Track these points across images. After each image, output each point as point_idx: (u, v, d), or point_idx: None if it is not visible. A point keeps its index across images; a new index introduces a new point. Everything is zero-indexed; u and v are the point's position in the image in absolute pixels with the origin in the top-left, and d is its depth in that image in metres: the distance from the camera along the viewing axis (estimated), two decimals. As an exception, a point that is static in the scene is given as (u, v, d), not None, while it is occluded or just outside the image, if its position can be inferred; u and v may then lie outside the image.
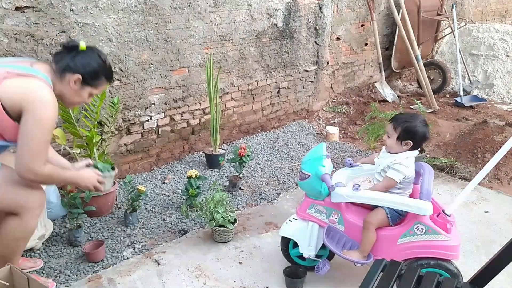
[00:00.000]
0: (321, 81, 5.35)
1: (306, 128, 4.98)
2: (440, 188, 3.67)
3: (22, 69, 1.98)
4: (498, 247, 1.69)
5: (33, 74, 1.98)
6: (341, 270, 2.60)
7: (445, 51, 6.84)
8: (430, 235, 2.18)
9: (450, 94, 6.20)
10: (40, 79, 1.98)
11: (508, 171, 3.85)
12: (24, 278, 1.92)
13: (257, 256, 2.76)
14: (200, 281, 2.52)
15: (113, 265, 2.64)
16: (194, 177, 3.15)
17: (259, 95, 4.68)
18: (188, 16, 3.75)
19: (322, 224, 2.40)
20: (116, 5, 3.27)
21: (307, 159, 2.41)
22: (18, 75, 1.95)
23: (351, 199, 2.26)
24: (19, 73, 1.96)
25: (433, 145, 4.49)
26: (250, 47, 4.38)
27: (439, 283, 1.61)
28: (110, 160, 3.27)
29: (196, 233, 3.00)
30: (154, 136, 3.86)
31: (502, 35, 6.33)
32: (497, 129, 4.31)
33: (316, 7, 4.88)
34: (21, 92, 1.91)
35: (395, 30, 5.89)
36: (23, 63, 2.04)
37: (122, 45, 3.38)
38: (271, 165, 4.07)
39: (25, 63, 2.04)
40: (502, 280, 2.45)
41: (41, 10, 2.91)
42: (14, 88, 1.92)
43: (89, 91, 2.15)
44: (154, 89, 3.72)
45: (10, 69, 1.96)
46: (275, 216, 3.23)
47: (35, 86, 1.95)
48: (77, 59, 2.06)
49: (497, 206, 3.40)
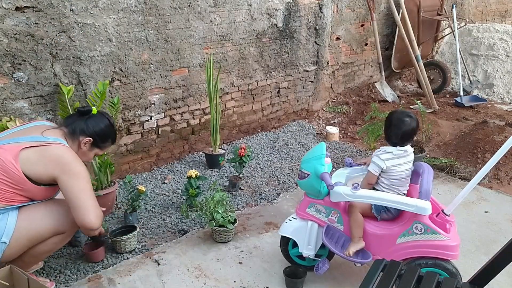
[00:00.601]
0: (321, 81, 5.35)
1: (306, 128, 4.98)
2: (440, 188, 3.67)
3: (36, 139, 2.10)
4: (498, 247, 1.69)
5: (48, 142, 2.11)
6: (341, 270, 2.60)
7: (445, 51, 6.84)
8: (429, 235, 2.18)
9: (450, 94, 6.20)
10: (58, 143, 2.13)
11: (508, 171, 3.85)
12: (24, 278, 1.92)
13: (257, 256, 2.76)
14: (200, 281, 2.52)
15: (113, 265, 2.65)
16: (194, 177, 3.15)
17: (259, 95, 4.68)
18: (188, 16, 3.75)
19: (322, 224, 2.40)
20: (116, 5, 3.27)
21: (307, 158, 2.41)
22: (33, 145, 2.08)
23: (350, 198, 2.26)
24: (34, 143, 2.08)
25: (433, 145, 4.49)
26: (250, 47, 4.38)
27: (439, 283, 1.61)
28: (110, 160, 3.27)
29: (196, 233, 3.00)
30: (154, 136, 3.86)
31: (502, 35, 6.33)
32: (497, 129, 4.31)
33: (316, 7, 4.88)
34: (47, 163, 2.06)
35: (395, 30, 5.89)
36: (33, 132, 2.16)
37: (122, 45, 3.39)
38: (271, 165, 4.07)
39: (35, 132, 2.16)
40: (502, 280, 2.45)
41: (41, 10, 2.91)
42: (34, 158, 2.06)
43: (96, 152, 2.36)
44: (154, 89, 3.72)
45: (23, 143, 2.08)
46: (275, 216, 3.23)
47: (56, 152, 2.10)
48: (89, 123, 2.26)
49: (497, 206, 3.40)
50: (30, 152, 2.06)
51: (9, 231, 2.06)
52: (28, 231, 2.11)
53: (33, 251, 2.19)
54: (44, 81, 3.04)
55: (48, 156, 2.07)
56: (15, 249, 2.10)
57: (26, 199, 2.14)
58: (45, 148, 2.09)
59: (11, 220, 2.07)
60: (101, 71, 3.32)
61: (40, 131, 2.17)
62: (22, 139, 2.11)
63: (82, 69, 3.22)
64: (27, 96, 3.00)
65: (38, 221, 2.14)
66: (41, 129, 2.19)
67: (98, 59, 3.28)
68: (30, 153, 2.06)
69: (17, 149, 2.05)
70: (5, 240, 2.05)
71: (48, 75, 3.06)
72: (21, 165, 2.04)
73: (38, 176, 2.08)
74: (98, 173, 3.18)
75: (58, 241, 2.24)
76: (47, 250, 2.24)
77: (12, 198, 2.08)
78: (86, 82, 3.25)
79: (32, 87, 3.01)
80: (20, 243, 2.10)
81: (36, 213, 2.14)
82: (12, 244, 2.07)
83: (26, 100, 3.00)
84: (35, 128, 2.21)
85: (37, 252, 2.21)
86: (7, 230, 2.05)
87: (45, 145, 2.09)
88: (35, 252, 2.20)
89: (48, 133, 2.17)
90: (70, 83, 3.17)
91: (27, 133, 2.17)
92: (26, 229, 2.10)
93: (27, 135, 2.14)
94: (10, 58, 2.86)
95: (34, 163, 2.05)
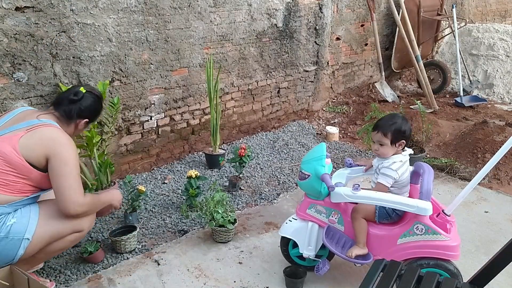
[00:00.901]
0: (321, 81, 5.35)
1: (306, 128, 4.98)
2: (440, 188, 3.67)
3: (30, 124, 2.12)
4: (498, 247, 1.69)
5: (42, 124, 2.13)
6: (341, 270, 2.60)
7: (445, 51, 6.84)
8: (429, 235, 2.18)
9: (450, 94, 6.20)
10: (50, 125, 2.14)
11: (508, 171, 3.85)
12: (24, 278, 1.92)
13: (257, 256, 2.76)
14: (200, 281, 2.52)
15: (113, 265, 2.65)
16: (194, 177, 3.15)
17: (259, 95, 4.68)
18: (188, 16, 3.75)
19: (322, 224, 2.40)
20: (116, 5, 3.27)
21: (307, 159, 2.41)
22: (28, 130, 2.09)
23: (350, 199, 2.26)
24: (28, 128, 2.10)
25: (433, 145, 4.49)
26: (250, 47, 4.38)
27: (439, 283, 1.61)
28: (110, 160, 3.27)
29: (196, 233, 3.00)
30: (154, 136, 3.86)
31: (502, 35, 6.33)
32: (497, 129, 4.31)
33: (316, 7, 4.88)
34: (40, 144, 2.08)
35: (395, 30, 5.89)
36: (29, 116, 2.18)
37: (122, 45, 3.39)
38: (271, 165, 4.07)
39: (30, 116, 2.18)
40: (502, 280, 2.45)
41: (41, 10, 2.91)
42: (31, 142, 2.07)
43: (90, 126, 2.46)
44: (154, 89, 3.72)
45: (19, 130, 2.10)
46: (275, 216, 3.23)
47: (49, 133, 2.11)
48: (83, 105, 2.30)
49: (497, 206, 3.40)
50: (27, 138, 2.07)
51: (31, 228, 2.08)
52: (50, 227, 2.13)
53: (49, 247, 2.20)
54: (44, 81, 3.04)
55: (41, 137, 2.09)
56: (36, 246, 2.12)
57: (35, 188, 2.16)
58: (38, 129, 2.10)
59: (33, 216, 2.10)
60: (101, 71, 3.32)
61: (35, 115, 2.18)
62: (17, 127, 2.12)
63: (82, 69, 3.21)
64: (27, 96, 3.00)
65: (59, 218, 2.15)
66: (35, 113, 2.20)
67: (98, 59, 3.28)
68: (27, 138, 2.07)
69: (16, 138, 2.06)
70: (28, 237, 2.07)
71: (48, 75, 3.05)
72: (22, 153, 2.05)
73: (38, 160, 2.08)
74: (98, 173, 3.18)
75: (75, 239, 2.26)
76: (63, 247, 2.26)
77: (22, 188, 2.09)
78: (86, 82, 3.25)
79: (32, 87, 3.01)
80: (42, 240, 2.12)
81: (58, 210, 2.15)
82: (34, 240, 2.09)
83: (26, 100, 3.00)
84: (27, 113, 2.21)
85: (53, 249, 2.22)
86: (30, 226, 2.07)
87: (39, 127, 2.11)
88: (51, 249, 2.21)
89: (43, 116, 2.19)
90: (70, 83, 3.17)
91: (20, 119, 2.16)
92: (48, 226, 2.13)
93: (22, 121, 2.14)
94: (10, 58, 2.86)
95: (32, 148, 2.07)
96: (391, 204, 2.23)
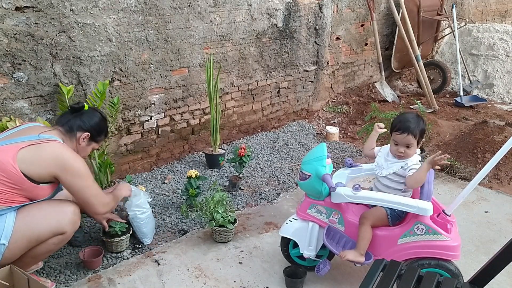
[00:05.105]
0: (321, 81, 5.35)
1: (306, 128, 4.98)
2: (440, 188, 3.67)
3: (32, 138, 2.14)
4: (498, 247, 1.69)
5: (44, 140, 2.15)
6: (341, 270, 2.60)
7: (445, 51, 6.84)
8: (430, 235, 2.18)
9: (450, 94, 6.20)
10: (53, 141, 2.16)
11: (508, 171, 3.85)
12: (24, 278, 1.92)
13: (257, 256, 2.76)
14: (200, 281, 2.52)
15: (113, 265, 2.64)
16: (194, 177, 3.15)
17: (259, 95, 4.68)
18: (188, 16, 3.75)
19: (322, 224, 2.40)
20: (116, 5, 3.26)
21: (308, 159, 2.41)
22: (30, 144, 2.11)
23: (351, 199, 2.26)
24: (30, 142, 2.12)
25: (433, 145, 4.48)
26: (250, 47, 4.38)
27: (439, 283, 1.61)
28: (110, 160, 3.27)
29: (196, 233, 3.00)
30: (154, 136, 3.86)
31: (502, 35, 6.33)
32: (497, 129, 4.31)
33: (316, 7, 4.88)
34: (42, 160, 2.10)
35: (395, 30, 5.89)
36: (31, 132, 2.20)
37: (122, 45, 3.38)
38: (271, 165, 4.07)
39: (32, 132, 2.20)
40: (502, 280, 2.45)
41: (41, 10, 2.91)
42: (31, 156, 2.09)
43: (93, 146, 2.45)
44: (154, 89, 3.72)
45: (20, 143, 2.11)
46: (275, 216, 3.23)
47: (51, 150, 2.14)
48: (84, 118, 2.34)
49: (497, 206, 3.40)
50: (27, 151, 2.09)
51: (7, 233, 2.06)
52: (27, 232, 2.11)
53: (33, 252, 2.18)
54: (44, 81, 3.04)
55: (44, 154, 2.11)
56: (15, 251, 2.10)
57: (25, 199, 2.15)
58: (40, 145, 2.12)
59: (9, 221, 2.08)
60: (101, 71, 3.32)
61: (38, 131, 2.20)
62: (18, 139, 2.13)
63: (82, 69, 3.21)
64: (27, 96, 3.00)
65: (37, 221, 2.14)
66: (38, 130, 2.22)
67: (98, 59, 3.28)
68: (27, 152, 2.09)
69: (15, 149, 2.07)
70: (4, 242, 2.05)
71: (48, 75, 3.05)
72: (19, 165, 2.05)
73: (37, 174, 2.10)
74: (98, 173, 3.18)
75: (58, 241, 2.23)
76: (47, 250, 2.24)
77: (10, 198, 2.08)
78: (86, 82, 3.25)
79: (32, 87, 3.01)
80: (20, 245, 2.10)
81: (35, 213, 2.14)
82: (12, 245, 2.07)
83: (26, 100, 3.00)
84: (32, 129, 2.24)
85: (37, 253, 2.20)
86: (6, 231, 2.05)
87: (41, 143, 2.13)
88: (35, 253, 2.20)
89: (45, 133, 2.21)
90: (70, 83, 3.16)
91: (24, 133, 2.19)
92: (25, 230, 2.10)
93: (24, 135, 2.16)
94: (10, 58, 2.85)
95: (31, 162, 2.08)
96: (391, 204, 2.23)
